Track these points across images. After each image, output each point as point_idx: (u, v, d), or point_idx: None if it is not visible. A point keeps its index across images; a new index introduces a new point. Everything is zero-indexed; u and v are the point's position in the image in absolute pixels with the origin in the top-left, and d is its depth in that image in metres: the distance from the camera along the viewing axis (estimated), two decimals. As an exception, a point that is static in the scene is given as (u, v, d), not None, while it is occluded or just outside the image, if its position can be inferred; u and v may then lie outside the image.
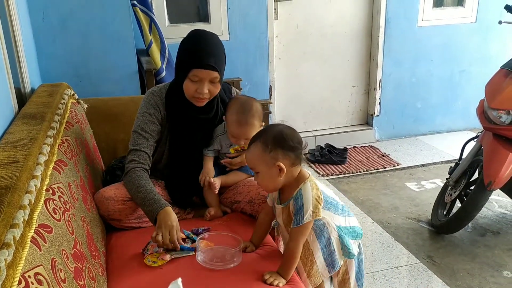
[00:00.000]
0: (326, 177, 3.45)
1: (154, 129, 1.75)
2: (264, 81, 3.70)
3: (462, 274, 2.27)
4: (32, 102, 1.86)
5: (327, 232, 1.52)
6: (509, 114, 2.24)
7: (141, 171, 1.68)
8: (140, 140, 1.73)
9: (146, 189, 1.62)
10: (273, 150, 1.42)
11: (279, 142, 1.43)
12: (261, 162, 1.45)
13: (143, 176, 1.67)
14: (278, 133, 1.44)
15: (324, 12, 3.82)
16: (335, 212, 1.55)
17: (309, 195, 1.44)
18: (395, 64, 4.01)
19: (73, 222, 1.27)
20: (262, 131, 1.51)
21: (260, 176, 1.48)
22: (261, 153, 1.43)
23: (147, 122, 1.75)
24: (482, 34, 4.14)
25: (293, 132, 1.47)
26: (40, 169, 1.23)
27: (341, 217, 1.57)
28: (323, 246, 1.53)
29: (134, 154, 1.71)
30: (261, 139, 1.44)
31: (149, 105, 1.77)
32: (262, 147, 1.43)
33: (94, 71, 2.82)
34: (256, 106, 1.73)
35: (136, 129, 1.75)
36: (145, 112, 1.76)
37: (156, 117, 1.76)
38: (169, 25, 3.37)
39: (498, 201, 2.95)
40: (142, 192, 1.61)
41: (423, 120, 4.26)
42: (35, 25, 2.63)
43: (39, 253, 0.97)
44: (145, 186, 1.63)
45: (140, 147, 1.72)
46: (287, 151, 1.44)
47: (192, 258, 1.52)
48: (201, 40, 1.66)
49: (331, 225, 1.53)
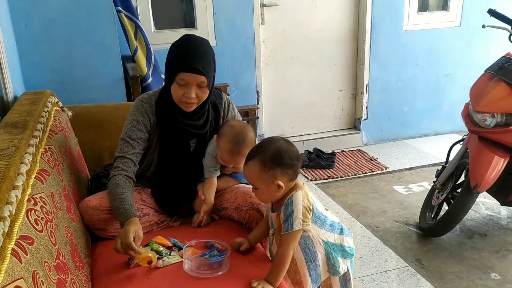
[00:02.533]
0: (314, 181, 3.45)
1: (141, 137, 1.74)
2: (251, 86, 3.70)
3: (450, 277, 2.28)
4: (15, 111, 1.82)
5: (313, 246, 1.51)
6: (494, 117, 2.27)
7: (122, 178, 1.66)
8: (127, 147, 1.71)
9: (120, 198, 1.59)
10: (271, 169, 1.42)
11: (277, 161, 1.42)
12: (259, 180, 1.45)
13: (122, 183, 1.64)
14: (276, 151, 1.43)
15: (310, 17, 3.83)
16: (322, 226, 1.53)
17: (299, 203, 1.44)
18: (382, 68, 4.04)
19: (56, 233, 1.24)
20: (259, 148, 1.48)
21: (259, 192, 1.49)
22: (259, 172, 1.43)
23: (134, 129, 1.73)
24: (467, 38, 4.19)
25: (290, 148, 1.47)
26: (21, 179, 1.20)
27: (328, 233, 1.55)
28: (308, 259, 1.52)
29: (119, 161, 1.70)
30: (259, 158, 1.43)
31: (138, 112, 1.75)
32: (260, 166, 1.43)
33: (78, 78, 2.79)
34: (250, 136, 1.72)
35: (123, 136, 1.73)
36: (133, 120, 1.74)
37: (144, 125, 1.74)
38: (155, 31, 3.35)
39: (484, 203, 2.98)
40: (116, 200, 1.59)
41: (410, 123, 4.29)
42: (18, 32, 2.59)
43: (20, 266, 0.94)
44: (121, 194, 1.60)
45: (125, 154, 1.70)
46: (286, 169, 1.43)
47: (179, 266, 1.50)
48: (190, 45, 1.66)
49: (316, 238, 1.51)
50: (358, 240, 2.63)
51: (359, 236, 2.67)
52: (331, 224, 1.56)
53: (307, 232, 1.49)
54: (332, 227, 1.56)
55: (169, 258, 1.55)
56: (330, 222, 1.56)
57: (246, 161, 1.47)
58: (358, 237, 2.66)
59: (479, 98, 2.33)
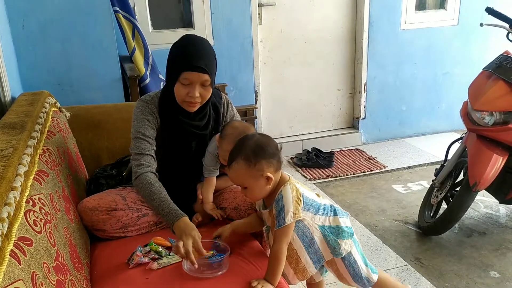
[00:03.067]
0: (313, 181, 3.45)
1: (154, 135, 1.74)
2: (249, 86, 3.70)
3: (449, 275, 2.28)
4: (12, 111, 1.82)
5: (309, 232, 1.53)
6: (492, 115, 2.27)
7: (151, 175, 1.67)
8: (143, 144, 1.70)
9: (160, 197, 1.61)
10: (257, 163, 1.43)
11: (260, 153, 1.43)
12: (247, 177, 1.45)
13: (153, 181, 1.65)
14: (256, 145, 1.44)
15: (308, 16, 3.83)
16: (316, 213, 1.55)
17: (289, 197, 1.45)
18: (379, 67, 4.04)
19: (55, 234, 1.24)
20: (239, 147, 1.47)
21: (248, 190, 1.48)
22: (246, 169, 1.43)
23: (147, 127, 1.72)
24: (464, 37, 4.19)
25: (268, 139, 1.49)
26: (19, 180, 1.20)
27: (323, 217, 1.57)
28: (307, 245, 1.54)
29: (141, 159, 1.69)
30: (242, 156, 1.43)
31: (146, 112, 1.74)
32: (245, 163, 1.43)
33: (76, 79, 2.79)
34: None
35: (136, 135, 1.72)
36: (143, 118, 1.73)
37: (154, 124, 1.75)
38: (152, 31, 3.34)
39: (483, 202, 2.98)
40: (156, 200, 1.61)
41: (408, 122, 4.30)
42: (15, 33, 2.58)
43: (19, 267, 0.94)
44: (158, 193, 1.62)
45: (145, 151, 1.69)
46: (270, 159, 1.44)
47: (179, 267, 1.50)
48: (191, 44, 1.66)
49: (312, 225, 1.54)
50: (357, 239, 2.61)
51: (358, 235, 2.67)
52: (324, 208, 1.58)
53: (302, 221, 1.51)
54: (325, 211, 1.58)
55: (168, 258, 1.55)
56: (322, 206, 1.57)
57: (229, 163, 1.47)
58: (357, 236, 2.62)
59: (477, 97, 2.33)
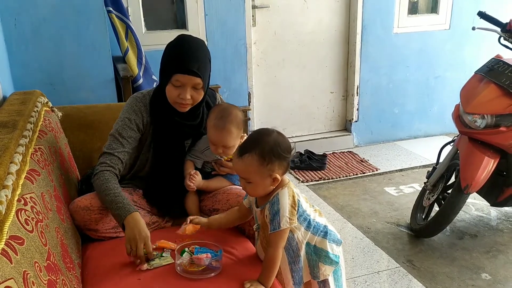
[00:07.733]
0: (305, 183, 3.45)
1: (132, 136, 1.72)
2: (243, 88, 3.70)
3: (441, 277, 2.29)
4: (4, 110, 1.80)
5: (296, 248, 1.49)
6: (484, 118, 2.28)
7: (110, 174, 1.64)
8: (116, 144, 1.69)
9: (114, 193, 1.58)
10: (270, 163, 1.39)
11: (276, 153, 1.39)
12: (255, 173, 1.40)
13: (111, 179, 1.62)
14: (274, 144, 1.40)
15: (302, 19, 3.84)
16: (307, 228, 1.50)
17: (286, 201, 1.42)
18: (372, 70, 4.06)
19: (47, 233, 1.23)
20: (255, 141, 1.42)
21: (252, 186, 1.43)
22: (258, 166, 1.39)
23: (125, 127, 1.71)
24: (456, 40, 4.23)
25: (284, 140, 1.44)
26: (11, 179, 1.18)
27: (311, 235, 1.52)
28: (292, 262, 1.50)
29: (106, 157, 1.67)
30: (258, 151, 1.38)
31: (131, 110, 1.73)
32: (259, 159, 1.38)
33: (68, 79, 2.77)
34: (235, 113, 1.71)
35: (113, 132, 1.71)
36: (125, 118, 1.72)
37: (136, 124, 1.72)
38: (146, 32, 3.33)
39: (474, 204, 3.00)
40: (110, 195, 1.57)
41: (401, 125, 4.32)
42: (7, 31, 2.56)
43: (10, 266, 0.93)
44: (113, 189, 1.59)
45: (114, 151, 1.68)
46: (282, 161, 1.41)
47: (171, 267, 1.49)
48: (186, 45, 1.65)
49: (301, 241, 1.49)
50: (350, 241, 2.63)
51: (351, 237, 2.67)
52: (315, 226, 1.52)
53: (293, 233, 1.47)
54: (316, 230, 1.52)
55: (161, 259, 1.53)
56: (314, 223, 1.51)
57: (241, 154, 1.41)
58: (349, 238, 2.66)
59: (469, 100, 2.35)
